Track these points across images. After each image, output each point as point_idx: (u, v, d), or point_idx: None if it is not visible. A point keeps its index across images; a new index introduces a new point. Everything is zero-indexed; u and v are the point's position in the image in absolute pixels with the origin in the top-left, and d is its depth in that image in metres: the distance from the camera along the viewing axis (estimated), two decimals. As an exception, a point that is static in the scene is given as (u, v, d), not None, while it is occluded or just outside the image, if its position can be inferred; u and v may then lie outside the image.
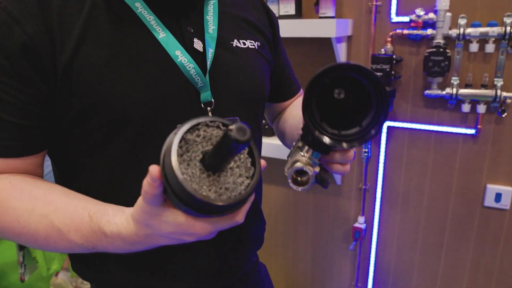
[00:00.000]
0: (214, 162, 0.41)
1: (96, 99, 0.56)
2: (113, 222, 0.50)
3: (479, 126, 1.46)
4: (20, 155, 0.57)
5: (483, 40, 1.37)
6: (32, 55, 0.53)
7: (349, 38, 1.60)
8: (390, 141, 1.65)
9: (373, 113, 0.55)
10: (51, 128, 0.59)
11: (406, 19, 1.47)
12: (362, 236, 1.78)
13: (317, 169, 0.61)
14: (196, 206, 0.42)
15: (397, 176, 1.68)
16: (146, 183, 0.42)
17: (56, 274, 2.15)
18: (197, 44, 0.64)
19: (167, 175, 0.41)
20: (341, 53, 1.57)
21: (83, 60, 0.55)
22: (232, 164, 0.44)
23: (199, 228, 0.44)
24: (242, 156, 0.45)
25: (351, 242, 1.83)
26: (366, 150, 1.67)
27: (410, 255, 1.75)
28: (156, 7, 0.61)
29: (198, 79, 0.62)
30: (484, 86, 1.41)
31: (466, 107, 1.45)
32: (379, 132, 0.56)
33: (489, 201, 1.52)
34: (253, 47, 0.73)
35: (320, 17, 1.50)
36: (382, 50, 1.51)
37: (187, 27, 0.64)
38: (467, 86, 1.43)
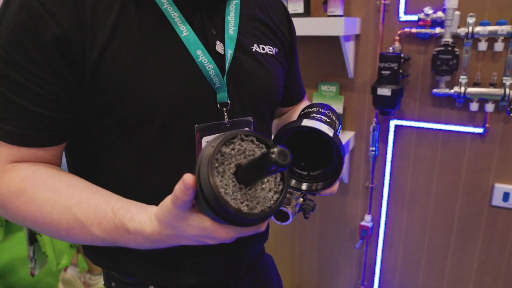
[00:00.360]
0: (248, 177, 0.43)
1: (120, 96, 0.57)
2: (137, 220, 0.51)
3: (487, 125, 1.46)
4: (43, 145, 0.58)
5: (492, 38, 1.37)
6: (64, 48, 0.53)
7: (357, 37, 1.61)
8: (397, 140, 1.65)
9: (336, 158, 0.61)
10: (76, 121, 0.60)
11: (414, 17, 1.47)
12: (369, 235, 1.78)
13: (300, 201, 0.66)
14: (226, 217, 0.44)
15: (404, 175, 1.68)
16: (178, 189, 0.43)
17: (65, 269, 2.18)
18: (219, 47, 0.65)
19: (202, 185, 0.42)
20: (349, 52, 1.57)
21: (111, 58, 0.56)
22: (264, 179, 0.45)
23: (223, 234, 0.46)
24: None
25: (358, 241, 1.83)
26: (374, 148, 1.67)
27: (416, 254, 1.75)
28: (182, 4, 0.62)
29: (216, 80, 0.62)
30: (492, 85, 1.40)
31: (474, 106, 1.45)
32: (337, 179, 0.63)
33: (497, 200, 1.51)
34: (271, 53, 0.75)
35: (329, 16, 1.51)
36: (390, 48, 1.52)
37: (210, 28, 0.65)
38: (475, 85, 1.43)
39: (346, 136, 1.66)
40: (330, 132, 0.58)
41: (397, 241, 1.77)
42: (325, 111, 0.67)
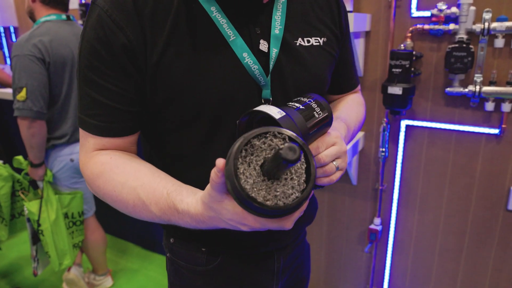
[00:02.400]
0: (270, 170, 0.46)
1: (175, 93, 0.67)
2: (185, 202, 0.60)
3: (503, 126, 1.40)
4: (120, 135, 0.70)
5: (509, 35, 1.32)
6: (130, 54, 0.65)
7: (367, 34, 1.56)
8: (408, 140, 1.60)
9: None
10: (142, 113, 0.71)
11: (427, 13, 1.42)
12: (378, 238, 1.74)
13: None
14: (243, 202, 0.47)
15: (415, 177, 1.63)
16: (213, 172, 0.50)
17: (68, 269, 2.16)
18: (263, 46, 0.71)
19: (227, 170, 0.47)
20: (359, 49, 1.53)
21: (167, 63, 0.66)
22: (287, 175, 0.48)
23: (251, 221, 0.52)
24: (298, 170, 0.49)
25: (367, 244, 1.79)
26: (384, 149, 1.62)
27: (427, 259, 1.70)
28: (229, 10, 0.69)
29: (261, 79, 0.69)
30: (509, 84, 1.35)
31: (489, 106, 1.39)
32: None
33: (513, 204, 1.46)
34: (318, 43, 0.78)
35: (338, 12, 1.46)
36: (402, 45, 1.47)
37: (255, 28, 0.71)
38: (491, 83, 1.37)
39: (355, 137, 1.62)
40: (278, 115, 0.58)
41: (408, 245, 1.72)
42: (309, 102, 0.67)
